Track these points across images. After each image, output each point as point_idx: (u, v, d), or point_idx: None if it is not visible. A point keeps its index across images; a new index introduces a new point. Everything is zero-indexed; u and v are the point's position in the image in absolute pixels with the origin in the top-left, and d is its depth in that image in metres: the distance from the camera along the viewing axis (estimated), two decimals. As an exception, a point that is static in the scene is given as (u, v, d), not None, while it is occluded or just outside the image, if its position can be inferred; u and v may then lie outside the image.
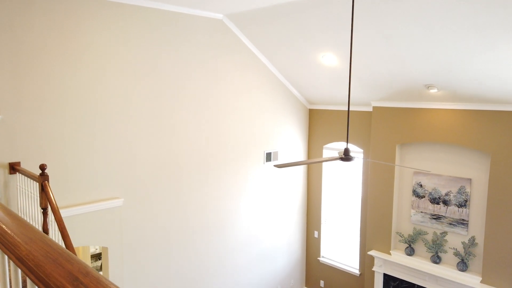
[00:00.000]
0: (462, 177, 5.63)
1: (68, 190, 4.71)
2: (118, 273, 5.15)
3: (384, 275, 6.44)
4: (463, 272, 5.56)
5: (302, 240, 7.85)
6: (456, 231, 5.70)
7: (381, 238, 6.49)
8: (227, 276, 6.56)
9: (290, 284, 7.70)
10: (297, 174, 7.59)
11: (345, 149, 4.25)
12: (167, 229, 5.68)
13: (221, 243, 6.41)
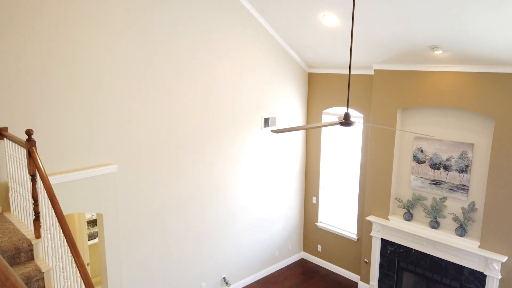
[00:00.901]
0: (464, 142, 5.50)
1: (59, 156, 4.57)
2: (114, 239, 5.10)
3: (381, 240, 6.44)
4: (461, 237, 5.54)
5: (300, 206, 7.82)
6: (456, 196, 5.64)
7: (379, 204, 6.44)
8: (224, 242, 6.55)
9: (288, 249, 7.74)
10: (295, 140, 7.45)
11: (345, 113, 4.09)
12: (163, 195, 5.60)
13: (218, 210, 6.36)
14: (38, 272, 3.40)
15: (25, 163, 3.67)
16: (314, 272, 7.44)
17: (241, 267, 6.90)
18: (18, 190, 3.94)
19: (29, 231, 3.73)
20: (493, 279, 5.28)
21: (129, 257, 5.35)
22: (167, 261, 5.79)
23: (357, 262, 7.11)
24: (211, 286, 6.47)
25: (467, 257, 5.48)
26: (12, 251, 3.44)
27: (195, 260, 6.16)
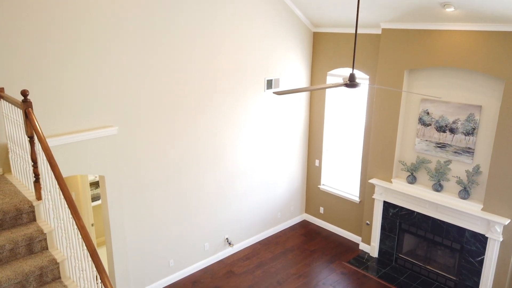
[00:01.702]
0: (472, 104, 5.36)
1: (58, 118, 4.50)
2: (116, 201, 5.12)
3: (384, 203, 6.45)
4: (465, 200, 5.52)
5: (303, 168, 7.80)
6: (460, 159, 5.57)
7: (383, 167, 6.39)
8: (227, 204, 6.59)
9: (290, 211, 7.80)
10: (299, 102, 7.32)
11: (350, 74, 3.95)
12: (164, 157, 5.57)
13: (221, 171, 6.35)
14: (40, 233, 3.42)
15: (22, 125, 3.61)
16: (316, 233, 7.53)
17: (243, 228, 6.98)
18: (17, 151, 3.90)
19: (30, 192, 3.72)
20: (494, 241, 5.31)
21: (132, 218, 5.40)
22: (170, 222, 5.85)
23: (358, 224, 7.17)
24: (214, 247, 6.57)
25: (469, 220, 5.48)
26: (14, 213, 3.44)
27: (198, 221, 6.22)
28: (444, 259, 6.14)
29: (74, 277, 3.33)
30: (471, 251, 5.58)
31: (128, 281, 5.46)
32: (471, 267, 5.62)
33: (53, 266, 3.31)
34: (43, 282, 3.28)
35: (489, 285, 5.49)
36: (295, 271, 6.37)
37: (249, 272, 6.33)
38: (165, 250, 5.88)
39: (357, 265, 6.52)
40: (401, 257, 6.45)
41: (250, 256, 6.77)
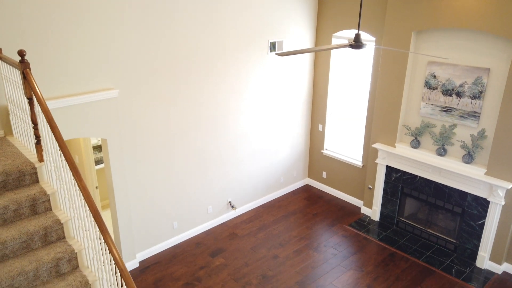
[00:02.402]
0: (480, 66, 5.23)
1: (58, 80, 4.44)
2: (119, 164, 5.14)
3: (386, 167, 6.44)
4: (468, 164, 5.49)
5: (306, 133, 7.76)
6: (466, 123, 5.49)
7: (386, 131, 6.34)
8: (230, 167, 6.61)
9: (293, 175, 7.83)
10: (303, 65, 7.17)
11: (356, 34, 3.83)
12: (166, 120, 5.53)
13: (223, 135, 6.32)
14: (43, 195, 3.44)
15: (21, 86, 3.56)
16: (318, 197, 7.59)
17: (246, 192, 7.04)
18: (17, 113, 3.87)
19: (32, 154, 3.72)
20: (496, 205, 5.32)
21: (135, 181, 5.43)
22: (173, 185, 5.89)
23: (361, 188, 7.20)
24: (217, 210, 6.65)
25: (472, 184, 5.48)
26: (16, 174, 3.45)
27: (201, 184, 6.26)
28: (445, 222, 6.19)
29: (78, 237, 3.38)
30: (472, 215, 5.61)
31: (132, 242, 5.57)
32: (471, 230, 5.68)
33: (57, 226, 3.36)
34: (48, 241, 3.33)
35: (488, 248, 5.56)
36: (297, 233, 6.46)
37: (252, 234, 6.43)
38: (168, 213, 5.96)
39: (358, 228, 6.60)
40: (402, 220, 6.51)
41: (253, 219, 6.86)
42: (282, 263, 5.76)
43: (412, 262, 5.79)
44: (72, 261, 3.30)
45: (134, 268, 5.63)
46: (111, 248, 2.84)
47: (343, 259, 5.85)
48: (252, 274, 5.52)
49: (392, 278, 5.46)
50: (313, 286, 5.31)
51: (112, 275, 3.05)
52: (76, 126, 4.62)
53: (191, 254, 5.94)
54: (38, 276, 3.11)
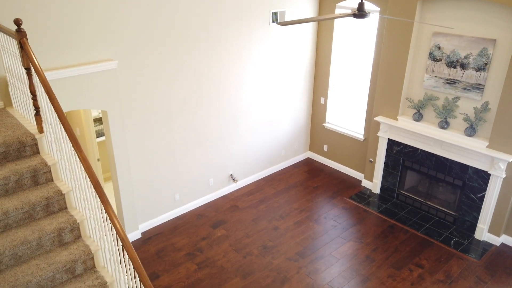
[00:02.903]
0: (486, 37, 5.12)
1: (56, 51, 4.37)
2: (120, 137, 5.13)
3: (388, 140, 6.42)
4: (470, 137, 5.47)
5: (308, 106, 7.70)
6: (469, 96, 5.43)
7: (389, 104, 6.28)
8: (231, 140, 6.60)
9: (294, 149, 7.83)
10: (305, 37, 7.04)
11: (359, 3, 3.73)
12: (167, 93, 5.49)
13: (224, 108, 6.28)
14: (44, 166, 3.45)
15: (19, 56, 3.51)
16: (319, 171, 7.62)
17: (248, 165, 7.06)
18: (16, 84, 3.84)
19: (32, 125, 3.71)
20: (497, 178, 5.33)
21: (136, 153, 5.44)
22: (174, 158, 5.90)
23: (362, 161, 7.21)
24: (219, 182, 6.68)
25: (474, 157, 5.47)
26: (17, 145, 3.45)
27: (202, 157, 6.27)
28: (445, 195, 6.22)
29: (80, 207, 3.41)
30: (472, 188, 5.63)
31: (134, 214, 5.63)
32: (471, 203, 5.71)
33: (59, 197, 3.38)
34: (50, 212, 3.36)
35: (487, 220, 5.60)
36: (298, 206, 6.52)
37: (253, 206, 6.49)
38: (170, 185, 6.00)
39: (359, 201, 6.64)
40: (403, 193, 6.55)
41: (254, 192, 6.91)
42: (282, 234, 5.83)
43: (411, 234, 5.85)
44: (75, 231, 3.34)
45: (137, 238, 5.72)
46: (112, 218, 2.87)
47: (343, 230, 5.92)
48: (253, 245, 5.60)
49: (391, 250, 5.53)
50: (313, 256, 5.39)
51: (114, 245, 3.09)
52: (75, 98, 4.59)
53: (193, 225, 6.02)
54: (41, 245, 3.15)
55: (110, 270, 3.24)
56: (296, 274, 5.09)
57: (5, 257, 2.97)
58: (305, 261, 5.31)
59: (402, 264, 5.26)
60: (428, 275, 5.08)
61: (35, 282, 2.95)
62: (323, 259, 5.35)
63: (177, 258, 5.36)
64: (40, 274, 2.97)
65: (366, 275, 5.09)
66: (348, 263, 5.29)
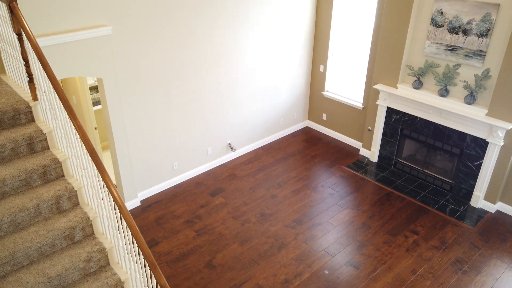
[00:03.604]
0: (490, 2, 4.98)
1: (49, 16, 4.25)
2: (116, 105, 5.08)
3: (387, 109, 6.38)
4: (470, 105, 5.42)
5: (307, 74, 7.61)
6: (470, 63, 5.35)
7: (389, 71, 6.20)
8: (229, 109, 6.55)
9: (293, 117, 7.79)
10: (305, 1, 6.85)
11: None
12: (164, 60, 5.39)
13: (222, 76, 6.20)
14: (40, 133, 3.43)
15: (9, 21, 3.41)
16: (317, 139, 7.61)
17: (246, 134, 7.04)
18: (8, 51, 3.75)
19: (26, 93, 3.66)
20: (495, 146, 5.33)
21: (133, 122, 5.41)
22: (172, 126, 5.87)
23: (360, 130, 7.19)
24: (217, 151, 6.69)
25: (472, 125, 5.45)
26: (11, 113, 3.42)
27: (200, 125, 6.24)
28: (442, 163, 6.25)
29: (77, 175, 3.41)
30: (470, 156, 5.64)
31: (133, 182, 5.66)
32: (468, 171, 5.73)
33: (55, 165, 3.38)
34: (47, 179, 3.37)
35: (484, 188, 5.65)
36: (295, 174, 6.55)
37: (251, 175, 6.52)
38: (168, 154, 6.00)
39: (356, 169, 6.67)
40: (400, 161, 6.57)
41: (252, 161, 6.92)
42: (280, 202, 5.89)
43: (408, 201, 5.91)
44: (73, 199, 3.35)
45: (136, 206, 5.77)
46: (109, 186, 2.87)
47: (340, 198, 5.97)
48: (251, 213, 5.66)
49: (387, 217, 5.60)
50: (310, 223, 5.47)
51: (112, 212, 3.11)
52: (69, 65, 4.51)
53: (192, 193, 6.07)
54: (39, 212, 3.17)
55: (109, 237, 3.28)
56: (293, 240, 5.18)
57: (4, 224, 3.00)
58: (302, 228, 5.39)
59: (398, 231, 5.34)
60: (423, 241, 5.17)
61: (35, 248, 2.99)
62: (320, 226, 5.43)
63: (176, 225, 5.43)
64: (39, 240, 3.01)
65: (362, 241, 5.17)
66: (344, 230, 5.36)
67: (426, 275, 4.69)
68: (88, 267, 3.13)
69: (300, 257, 4.93)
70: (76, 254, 3.12)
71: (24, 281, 2.86)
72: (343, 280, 4.61)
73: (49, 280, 2.91)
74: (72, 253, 3.12)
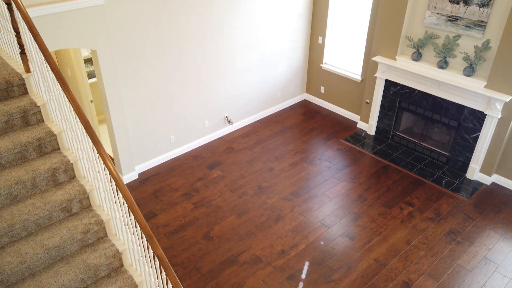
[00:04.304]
0: (493, -29, 4.86)
1: (38, -15, 4.14)
2: (112, 77, 5.02)
3: (385, 81, 6.32)
4: (469, 77, 5.37)
5: (305, 46, 7.49)
6: (471, 34, 5.26)
7: (388, 43, 6.10)
8: (227, 82, 6.49)
9: (291, 90, 7.73)
10: (303, -30, 6.68)
11: None
12: (159, 31, 5.29)
13: (219, 47, 6.10)
14: (34, 106, 3.39)
15: (-2, -10, 3.32)
16: (315, 112, 7.58)
17: (243, 107, 7.00)
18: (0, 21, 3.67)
19: (19, 65, 3.60)
20: (493, 118, 5.31)
21: (129, 94, 5.36)
22: (169, 99, 5.83)
23: (358, 103, 7.15)
24: (214, 124, 6.66)
25: (471, 97, 5.41)
26: (4, 85, 3.37)
27: (197, 98, 6.19)
28: (439, 136, 6.25)
29: (72, 148, 3.40)
30: (467, 128, 5.63)
31: (130, 155, 5.66)
32: (465, 144, 5.74)
33: (50, 137, 3.36)
34: (42, 152, 3.36)
35: (480, 160, 5.67)
36: (293, 147, 6.55)
37: (248, 148, 6.53)
38: (165, 127, 5.98)
39: (353, 142, 6.68)
40: (398, 134, 6.57)
41: (250, 134, 6.91)
42: (277, 175, 5.92)
43: (404, 174, 5.95)
44: (69, 171, 3.36)
45: (134, 179, 5.80)
46: (104, 159, 2.87)
47: (337, 171, 6.00)
48: (248, 185, 5.70)
49: (383, 189, 5.65)
50: (306, 196, 5.51)
51: (108, 184, 3.12)
52: (62, 36, 4.42)
53: (189, 166, 6.08)
54: (36, 185, 3.18)
55: (106, 209, 3.30)
56: (290, 212, 5.23)
57: (1, 197, 3.01)
58: (299, 200, 5.44)
59: (393, 203, 5.40)
60: (418, 213, 5.23)
61: (32, 220, 3.01)
62: (317, 198, 5.48)
63: (174, 198, 5.47)
64: (37, 212, 3.03)
65: (357, 213, 5.23)
66: (340, 202, 5.42)
67: (420, 245, 4.77)
68: (86, 238, 3.17)
69: (297, 228, 5.00)
70: (74, 226, 3.15)
71: (23, 252, 2.90)
72: (338, 251, 4.69)
73: (47, 251, 2.95)
74: (70, 225, 3.15)
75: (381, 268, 4.50)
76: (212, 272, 4.44)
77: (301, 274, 4.42)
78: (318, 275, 4.41)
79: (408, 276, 4.41)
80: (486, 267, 4.51)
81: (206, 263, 4.54)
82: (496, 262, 4.57)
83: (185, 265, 4.51)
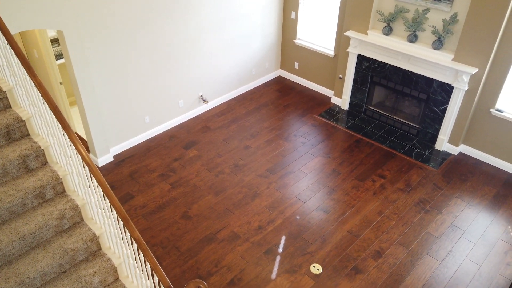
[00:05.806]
0: None
1: (-5, -37, 3.95)
2: (80, 58, 4.90)
3: (358, 56, 6.38)
4: (437, 50, 5.49)
5: (278, 22, 7.45)
6: (439, 7, 5.34)
7: (359, 17, 6.13)
8: (200, 60, 6.42)
9: (265, 67, 7.72)
10: None
11: None
12: (129, 9, 5.15)
13: (190, 26, 6.00)
14: None
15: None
16: (290, 89, 7.61)
17: (218, 85, 6.96)
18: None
19: (-20, 50, 3.47)
20: (460, 90, 5.48)
21: (100, 75, 5.25)
22: (141, 79, 5.74)
23: (332, 78, 7.21)
24: (189, 104, 6.62)
25: (439, 70, 5.55)
26: (-34, 71, 3.26)
27: (170, 77, 6.12)
28: (410, 109, 6.41)
29: (42, 133, 3.35)
30: (436, 101, 5.80)
31: (105, 137, 5.60)
32: (434, 116, 5.92)
33: (19, 123, 3.30)
34: (12, 139, 3.30)
35: (448, 131, 5.87)
36: (268, 124, 6.61)
37: (224, 126, 6.54)
38: (139, 108, 5.91)
39: (328, 118, 6.78)
40: (370, 108, 6.70)
41: (225, 112, 6.91)
42: (253, 153, 5.98)
43: (376, 147, 6.11)
44: (40, 157, 3.32)
45: (109, 162, 5.76)
46: (75, 143, 2.85)
47: (311, 147, 6.11)
48: (225, 164, 5.75)
49: (356, 162, 5.80)
50: (282, 172, 5.61)
51: (81, 169, 3.11)
52: (25, 17, 4.26)
53: (165, 147, 6.07)
54: (6, 172, 3.14)
55: (81, 194, 3.30)
56: (266, 189, 5.33)
57: (-29, 186, 2.97)
58: (275, 177, 5.54)
59: (366, 176, 5.56)
60: (389, 185, 5.42)
61: (5, 208, 2.99)
62: (292, 174, 5.59)
63: (151, 179, 5.48)
64: (9, 200, 3.01)
65: (332, 187, 5.38)
66: (315, 177, 5.55)
67: (391, 215, 4.97)
68: (61, 224, 3.17)
69: (273, 204, 5.11)
70: (48, 212, 3.14)
71: (-3, 240, 2.89)
72: (313, 224, 4.84)
73: (22, 238, 2.94)
74: (44, 211, 3.14)
75: (355, 239, 4.68)
76: (191, 250, 4.52)
77: (278, 248, 4.56)
78: (294, 248, 4.55)
79: (380, 245, 4.61)
80: (453, 234, 4.76)
81: (185, 242, 4.62)
82: (462, 229, 4.82)
83: (164, 244, 4.58)
